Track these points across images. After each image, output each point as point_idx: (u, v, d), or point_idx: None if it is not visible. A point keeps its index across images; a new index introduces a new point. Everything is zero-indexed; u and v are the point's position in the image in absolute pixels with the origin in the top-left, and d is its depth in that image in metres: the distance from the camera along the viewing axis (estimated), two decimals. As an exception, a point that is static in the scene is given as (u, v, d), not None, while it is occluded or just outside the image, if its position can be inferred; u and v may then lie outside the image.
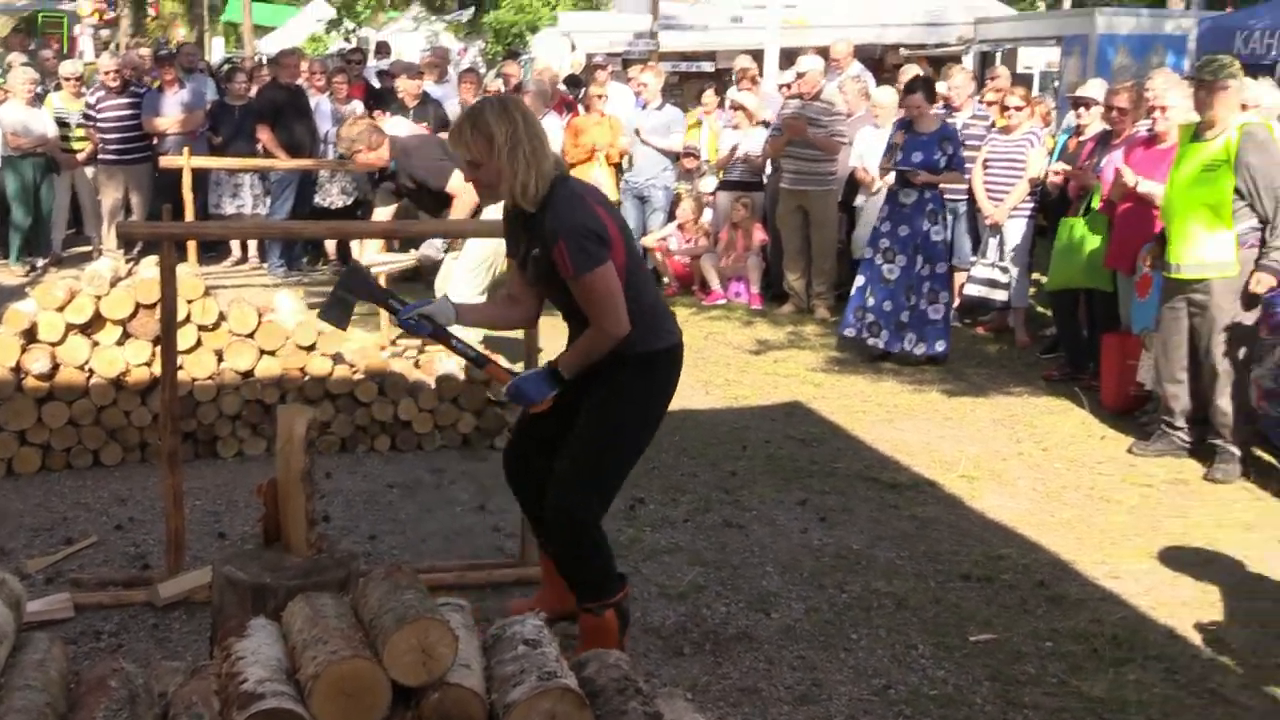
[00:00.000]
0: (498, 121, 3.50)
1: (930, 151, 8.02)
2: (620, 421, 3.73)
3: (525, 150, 3.50)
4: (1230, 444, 5.95)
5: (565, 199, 3.55)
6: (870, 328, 8.21)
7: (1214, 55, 6.43)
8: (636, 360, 3.70)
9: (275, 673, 2.27)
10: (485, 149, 3.50)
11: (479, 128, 3.51)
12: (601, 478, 3.74)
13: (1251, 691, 3.91)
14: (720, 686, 3.85)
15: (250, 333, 5.94)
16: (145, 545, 4.86)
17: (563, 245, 3.47)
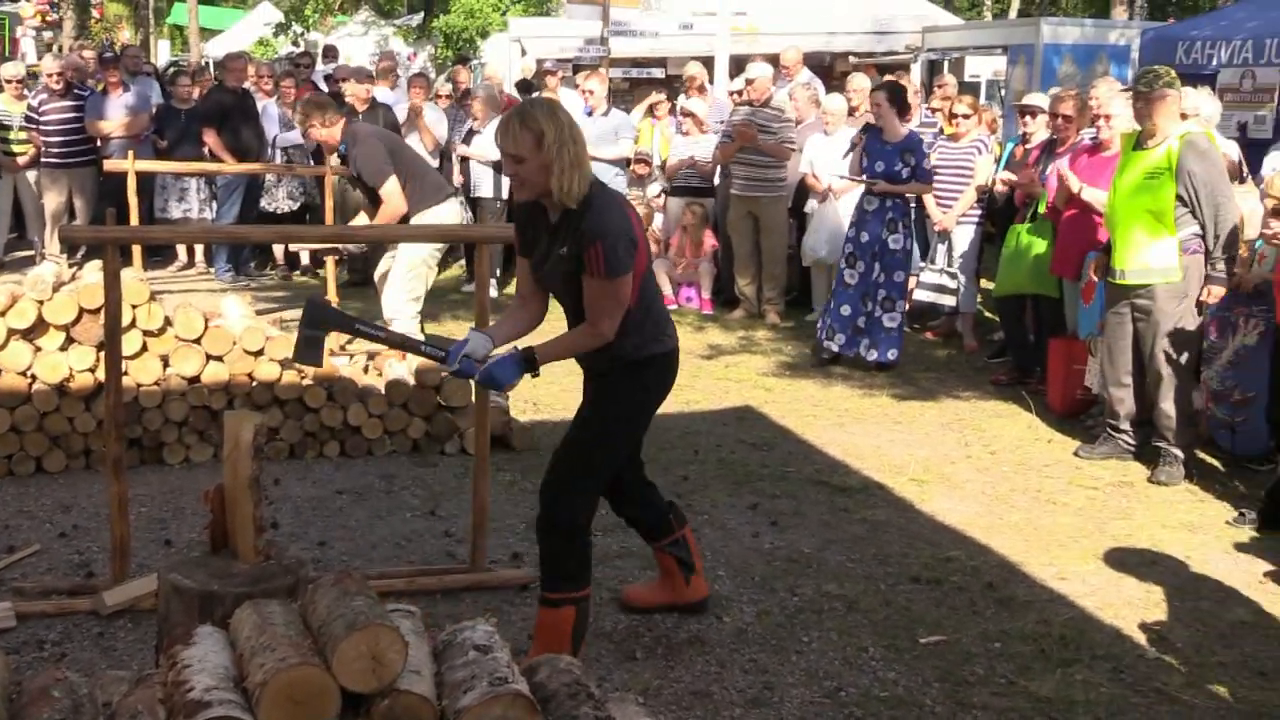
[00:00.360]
0: (547, 120, 3.60)
1: (892, 162, 8.06)
2: (615, 423, 3.92)
3: (570, 150, 3.61)
4: (1174, 447, 6.02)
5: (606, 203, 3.71)
6: (827, 330, 8.30)
7: (1151, 66, 6.54)
8: (636, 364, 3.85)
9: (222, 681, 2.24)
10: (533, 145, 3.58)
11: (528, 124, 3.58)
12: (595, 476, 3.92)
13: (1195, 690, 3.97)
14: (672, 690, 3.86)
15: (197, 338, 5.87)
16: (90, 553, 4.79)
17: (600, 246, 3.60)
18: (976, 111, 8.99)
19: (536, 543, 3.95)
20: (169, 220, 10.91)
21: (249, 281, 10.86)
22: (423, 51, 17.40)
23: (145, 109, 11.16)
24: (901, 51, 15.55)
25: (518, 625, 4.25)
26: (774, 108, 9.44)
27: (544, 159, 3.58)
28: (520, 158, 3.61)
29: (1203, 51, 10.44)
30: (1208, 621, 4.48)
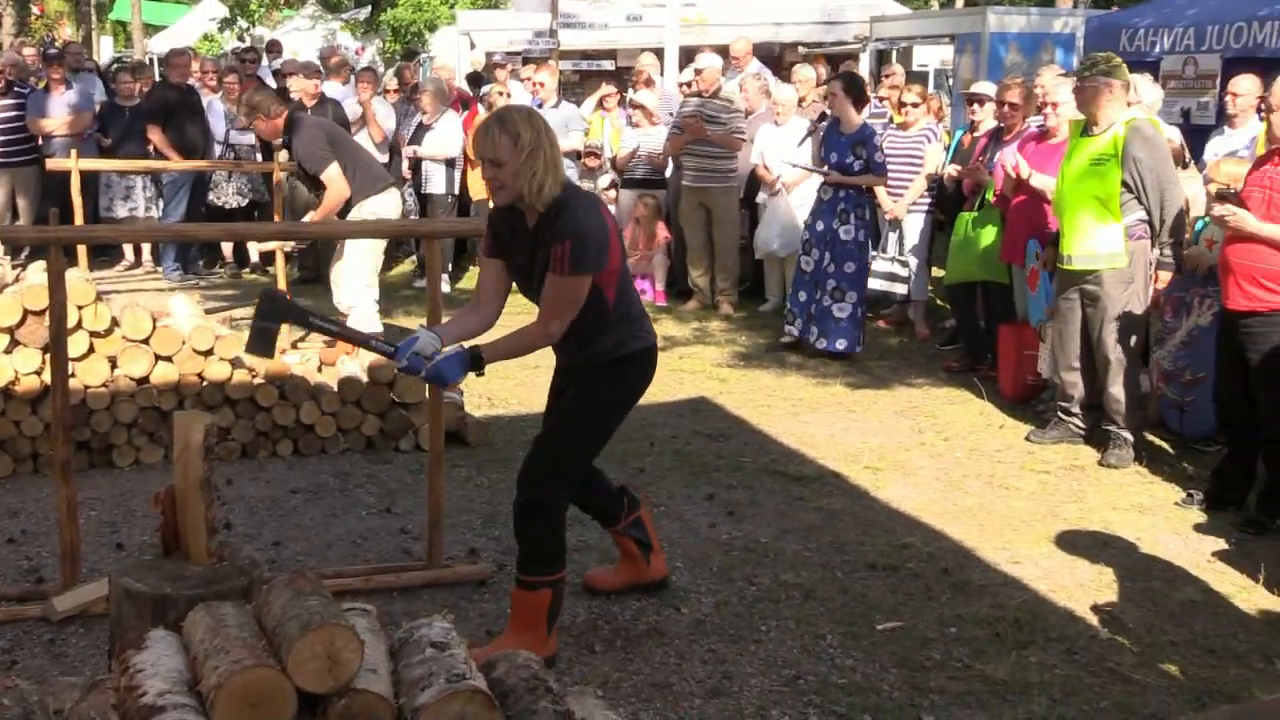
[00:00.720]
0: (524, 124, 3.68)
1: (844, 154, 8.13)
2: (595, 419, 4.04)
3: (546, 154, 3.69)
4: (1123, 430, 6.10)
5: (579, 202, 3.79)
6: (787, 315, 8.44)
7: (1095, 54, 6.60)
8: (617, 362, 3.97)
9: (176, 684, 2.22)
10: (510, 148, 3.65)
11: (506, 128, 3.66)
12: (570, 468, 4.03)
13: (1147, 669, 4.02)
14: (631, 683, 3.86)
15: (145, 338, 5.81)
16: (39, 558, 4.73)
17: (569, 244, 3.68)
18: (925, 100, 9.05)
19: (513, 527, 3.98)
20: (114, 219, 10.81)
21: (197, 280, 10.76)
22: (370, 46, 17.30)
23: (89, 107, 11.02)
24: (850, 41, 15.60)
25: (475, 621, 4.24)
26: (723, 98, 9.45)
27: (519, 164, 3.66)
28: (499, 161, 3.68)
29: (1145, 39, 10.56)
30: (1158, 601, 4.54)
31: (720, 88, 9.52)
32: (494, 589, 4.53)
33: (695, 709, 3.72)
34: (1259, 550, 4.99)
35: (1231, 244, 5.24)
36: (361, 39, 17.81)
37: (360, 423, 6.10)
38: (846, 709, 3.72)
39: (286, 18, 20.03)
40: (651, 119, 10.06)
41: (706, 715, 3.68)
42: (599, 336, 3.90)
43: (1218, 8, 10.19)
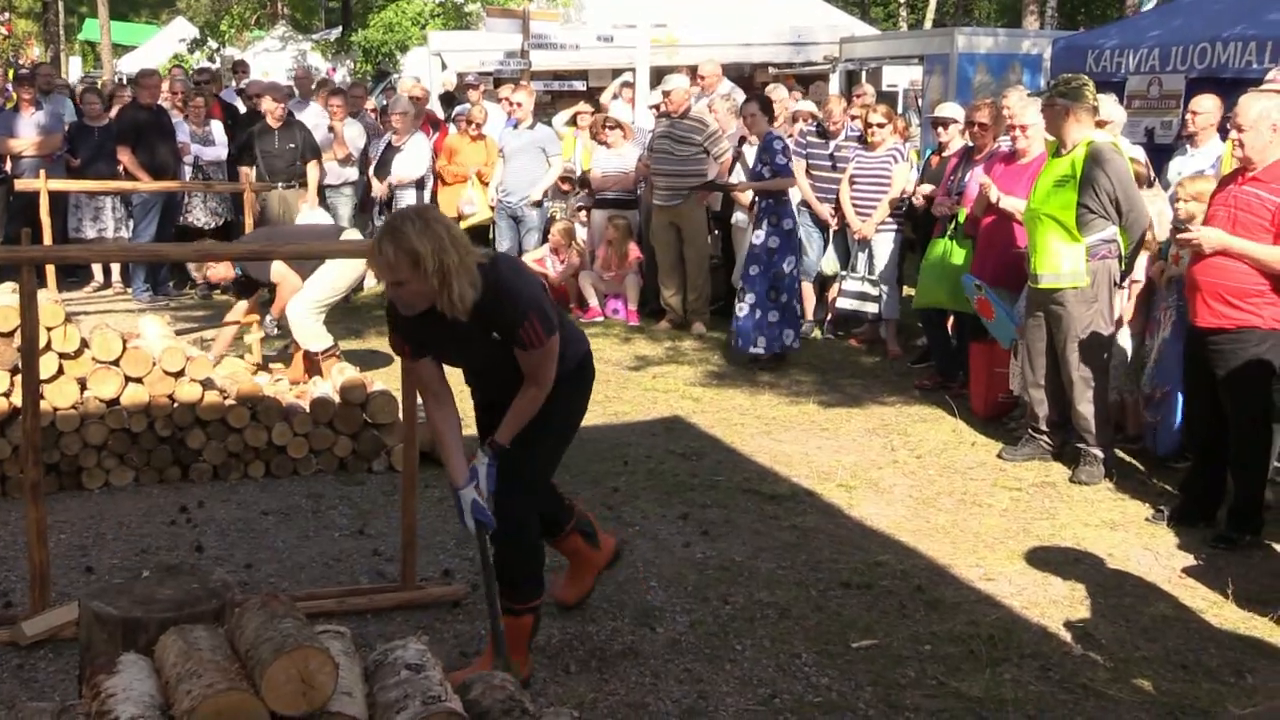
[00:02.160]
0: (420, 238, 3.40)
1: (755, 164, 8.46)
2: (560, 431, 4.04)
3: (454, 261, 3.44)
4: (1093, 447, 6.14)
5: (509, 278, 3.66)
6: (745, 337, 8.54)
7: (1064, 75, 6.68)
8: (570, 373, 3.92)
9: (148, 709, 2.20)
10: (410, 267, 3.41)
11: (402, 247, 3.40)
12: (538, 483, 4.04)
13: (1120, 684, 4.04)
14: (607, 703, 3.85)
15: (115, 360, 5.77)
16: (7, 582, 4.68)
17: (534, 318, 3.62)
18: (891, 120, 9.11)
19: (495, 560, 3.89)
20: (83, 240, 10.73)
21: (168, 301, 10.71)
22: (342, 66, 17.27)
23: (58, 128, 10.98)
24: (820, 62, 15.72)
25: (450, 643, 4.22)
26: (693, 118, 9.48)
27: (426, 279, 3.44)
28: (400, 281, 3.48)
29: (1111, 59, 10.67)
30: (1130, 617, 4.56)
31: (689, 108, 9.55)
32: (468, 610, 4.51)
33: (671, 729, 3.71)
34: (1229, 565, 5.03)
35: (1198, 262, 5.29)
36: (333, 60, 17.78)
37: (333, 444, 6.07)
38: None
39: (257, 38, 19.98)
40: (628, 134, 10.12)
41: (682, 735, 3.67)
42: None
43: (1181, 29, 10.32)
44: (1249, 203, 5.19)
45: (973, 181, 7.42)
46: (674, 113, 9.46)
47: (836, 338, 9.44)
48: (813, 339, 9.45)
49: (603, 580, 4.57)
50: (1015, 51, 12.96)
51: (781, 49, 16.24)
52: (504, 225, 10.61)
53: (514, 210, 10.51)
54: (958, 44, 12.71)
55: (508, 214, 10.55)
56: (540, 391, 3.80)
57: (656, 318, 9.92)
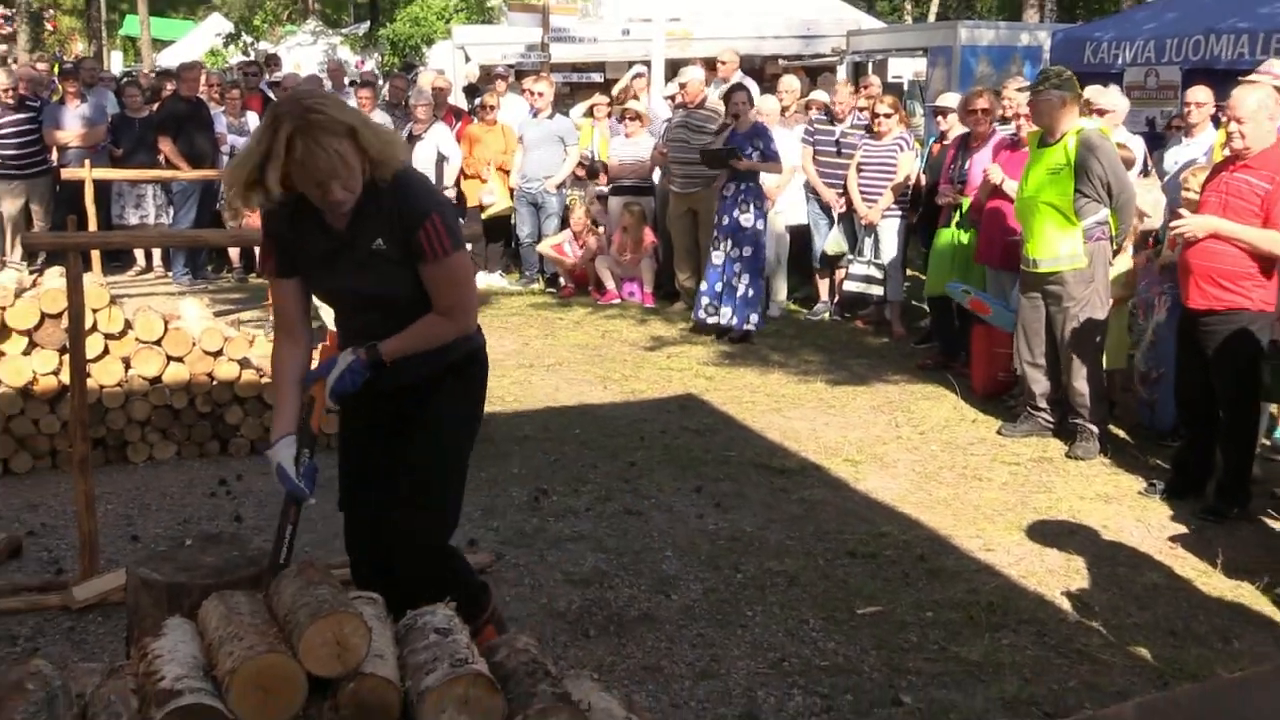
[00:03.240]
0: (346, 114, 2.89)
1: (743, 146, 8.55)
2: (464, 435, 3.33)
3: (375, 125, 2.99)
4: (1089, 423, 6.13)
5: (420, 181, 3.14)
6: (707, 309, 8.74)
7: (1047, 69, 6.67)
8: (465, 363, 3.27)
9: (192, 670, 2.22)
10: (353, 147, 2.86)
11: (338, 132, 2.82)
12: (452, 494, 3.33)
13: (1113, 650, 4.04)
14: (625, 666, 3.86)
15: (157, 340, 5.80)
16: (58, 550, 4.72)
17: (437, 220, 2.97)
18: (897, 111, 9.08)
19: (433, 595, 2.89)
20: (126, 226, 10.76)
21: (206, 284, 10.74)
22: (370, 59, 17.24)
23: (102, 120, 11.00)
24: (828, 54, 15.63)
25: (475, 608, 4.24)
26: (708, 109, 9.46)
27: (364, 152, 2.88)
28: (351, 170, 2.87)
29: (1109, 51, 10.60)
30: (1123, 586, 4.56)
31: (705, 99, 9.52)
32: (492, 576, 4.53)
33: (686, 690, 3.72)
34: (1217, 537, 5.02)
35: (1191, 246, 5.27)
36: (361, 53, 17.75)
37: (363, 420, 6.09)
38: (829, 689, 3.73)
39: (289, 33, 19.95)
40: (645, 123, 10.14)
41: (696, 696, 3.69)
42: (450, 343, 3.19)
43: (1175, 22, 10.24)
44: (1239, 189, 5.16)
45: (975, 169, 7.39)
46: (690, 103, 9.45)
47: (844, 319, 9.42)
48: (821, 320, 9.44)
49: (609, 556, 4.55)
50: (1016, 44, 12.88)
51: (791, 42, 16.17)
52: (524, 211, 10.61)
53: (534, 196, 10.51)
54: (960, 37, 12.64)
55: (528, 200, 10.56)
56: (450, 322, 3.08)
57: (671, 300, 9.92)
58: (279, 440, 3.08)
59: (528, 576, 4.55)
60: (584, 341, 8.68)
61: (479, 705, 2.14)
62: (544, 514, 5.20)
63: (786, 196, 9.44)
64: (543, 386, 7.38)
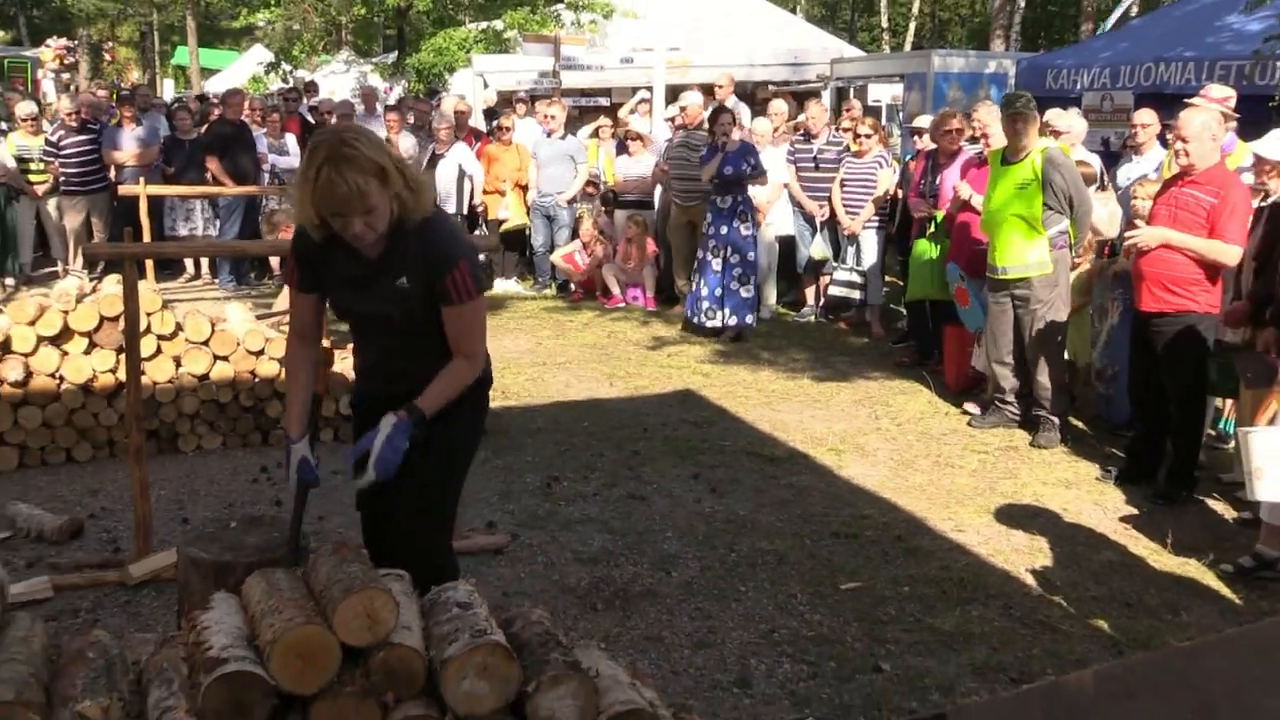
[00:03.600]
0: (378, 154, 2.74)
1: (738, 163, 8.54)
2: (463, 453, 3.19)
3: (408, 169, 2.84)
4: (1051, 415, 6.12)
5: (450, 227, 2.98)
6: (707, 313, 8.70)
7: (1010, 93, 6.68)
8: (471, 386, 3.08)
9: (237, 640, 2.22)
10: (379, 186, 2.72)
11: (365, 169, 2.69)
12: (450, 502, 3.23)
13: (1074, 621, 4.04)
14: (629, 636, 3.87)
15: (205, 340, 5.81)
16: (116, 531, 4.73)
17: (465, 267, 2.87)
18: (877, 131, 9.08)
19: None
20: (177, 237, 10.78)
21: (249, 290, 10.74)
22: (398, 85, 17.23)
23: (155, 141, 11.02)
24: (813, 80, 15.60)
25: (493, 584, 4.24)
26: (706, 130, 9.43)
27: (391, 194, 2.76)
28: (371, 207, 2.73)
29: (1068, 77, 10.58)
30: (1082, 563, 4.56)
31: (703, 121, 9.51)
32: (509, 555, 4.54)
33: (685, 658, 3.72)
34: (1167, 519, 5.02)
35: (1143, 255, 5.27)
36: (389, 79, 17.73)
37: (392, 413, 6.09)
38: (815, 658, 3.73)
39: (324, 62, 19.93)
40: (646, 143, 10.13)
41: (694, 664, 3.69)
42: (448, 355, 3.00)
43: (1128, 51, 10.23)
44: (1187, 202, 5.16)
45: (945, 185, 7.39)
46: (690, 124, 9.44)
47: (828, 321, 9.41)
48: (808, 322, 9.43)
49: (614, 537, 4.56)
50: (984, 70, 12.85)
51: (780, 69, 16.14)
52: (539, 223, 10.61)
53: (547, 210, 10.51)
54: (934, 64, 12.61)
55: (542, 213, 10.56)
56: (470, 364, 2.97)
57: (671, 304, 9.91)
58: (299, 440, 3.07)
59: (541, 555, 4.55)
60: (592, 341, 8.67)
61: (497, 672, 2.14)
62: (555, 498, 5.20)
63: (776, 210, 9.43)
64: (554, 382, 7.38)
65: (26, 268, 10.77)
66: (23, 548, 4.54)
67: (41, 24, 36.55)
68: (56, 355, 5.51)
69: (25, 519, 4.70)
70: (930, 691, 3.52)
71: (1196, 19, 10.14)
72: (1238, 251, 5.11)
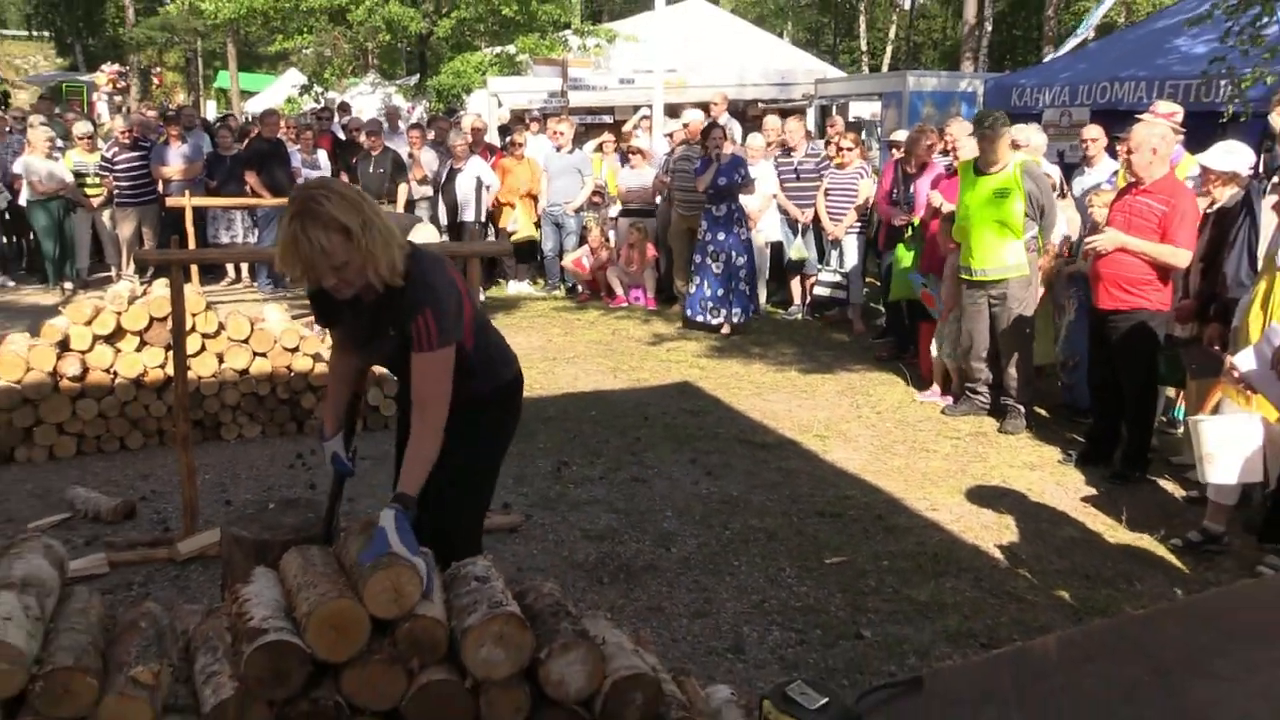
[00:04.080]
0: (346, 212, 2.50)
1: (731, 174, 8.48)
2: (488, 460, 3.08)
3: (380, 228, 2.55)
4: (1017, 403, 6.11)
5: (429, 268, 2.68)
6: (711, 311, 8.65)
7: (983, 112, 6.66)
8: (492, 400, 3.00)
9: (276, 612, 2.22)
10: (344, 243, 2.49)
11: (327, 226, 2.47)
12: (480, 517, 3.13)
13: (1038, 592, 4.04)
14: (633, 607, 3.87)
15: (245, 339, 5.80)
16: (165, 513, 4.73)
17: (429, 314, 2.60)
18: (858, 145, 9.07)
19: None
20: (219, 245, 10.77)
21: (285, 292, 10.72)
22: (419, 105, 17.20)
23: (199, 157, 11.00)
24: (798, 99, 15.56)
25: (508, 560, 4.24)
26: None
27: (360, 252, 2.51)
28: (338, 264, 2.51)
29: (1031, 95, 10.55)
30: (1045, 538, 4.56)
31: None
32: (523, 534, 4.54)
33: (683, 627, 3.72)
34: (1122, 497, 5.01)
35: (1100, 258, 5.26)
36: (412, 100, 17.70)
37: (416, 404, 6.08)
38: (802, 625, 3.73)
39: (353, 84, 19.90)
40: (647, 157, 10.11)
41: (692, 632, 3.69)
42: (467, 380, 2.78)
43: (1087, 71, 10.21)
44: (1140, 210, 5.15)
45: (920, 194, 7.37)
46: (692, 139, 9.44)
47: (813, 318, 9.40)
48: (795, 320, 9.42)
49: (619, 516, 4.56)
50: (955, 89, 12.82)
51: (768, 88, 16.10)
52: (549, 230, 10.59)
53: (557, 218, 10.49)
54: (909, 83, 12.58)
55: (552, 221, 10.54)
56: (427, 427, 2.63)
57: (670, 304, 9.90)
58: (331, 437, 3.10)
59: (551, 533, 4.55)
60: (597, 338, 8.67)
61: (512, 641, 2.14)
62: (565, 481, 5.20)
63: (766, 218, 9.41)
64: (563, 375, 7.37)
65: (83, 273, 10.77)
66: (81, 527, 4.55)
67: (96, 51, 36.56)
68: (111, 352, 5.51)
69: (83, 501, 4.71)
70: (907, 656, 3.52)
71: (1147, 42, 10.12)
72: (1187, 255, 5.10)
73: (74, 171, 10.42)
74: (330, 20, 17.21)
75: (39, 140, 10.16)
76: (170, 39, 34.26)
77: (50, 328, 5.48)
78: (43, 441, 5.40)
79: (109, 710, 1.99)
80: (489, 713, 2.15)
